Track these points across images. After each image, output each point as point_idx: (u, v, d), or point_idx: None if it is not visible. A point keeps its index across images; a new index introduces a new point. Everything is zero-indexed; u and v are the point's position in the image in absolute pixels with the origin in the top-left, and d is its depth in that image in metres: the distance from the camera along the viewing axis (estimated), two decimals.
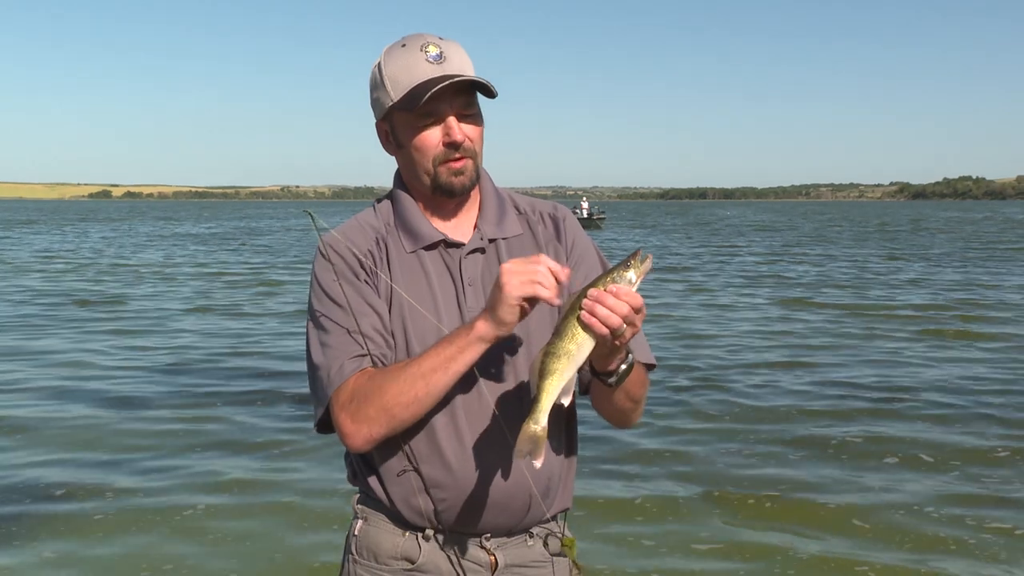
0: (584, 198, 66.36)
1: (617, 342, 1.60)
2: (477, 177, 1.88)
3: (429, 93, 1.74)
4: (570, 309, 1.60)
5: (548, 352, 1.61)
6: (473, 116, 1.83)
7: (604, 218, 63.44)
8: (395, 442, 1.79)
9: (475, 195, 1.93)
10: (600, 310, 1.56)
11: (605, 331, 1.56)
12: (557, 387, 1.60)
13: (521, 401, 1.81)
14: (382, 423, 1.73)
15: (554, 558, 1.92)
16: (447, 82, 1.75)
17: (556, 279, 1.62)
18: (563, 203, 2.30)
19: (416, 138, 1.82)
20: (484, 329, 1.67)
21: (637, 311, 1.58)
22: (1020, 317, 15.58)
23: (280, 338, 13.41)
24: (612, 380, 1.74)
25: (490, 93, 1.81)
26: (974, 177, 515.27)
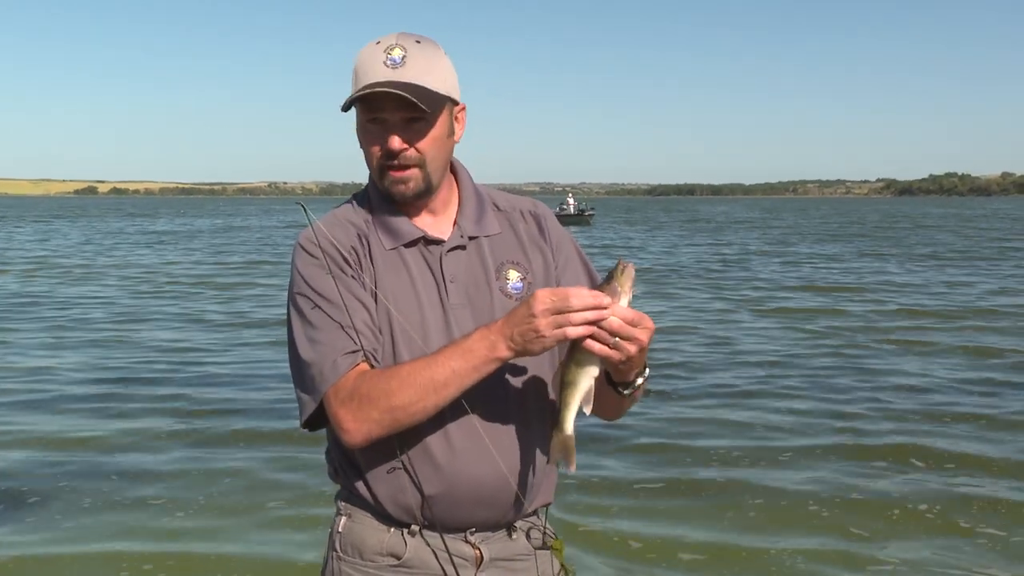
0: (570, 194, 66.67)
1: (617, 354, 1.62)
2: (428, 185, 1.84)
3: (353, 95, 1.75)
4: None
5: (564, 365, 1.70)
6: (423, 123, 1.78)
7: (594, 214, 64.35)
8: (381, 439, 1.78)
9: (454, 193, 1.93)
10: (592, 329, 1.60)
11: (598, 347, 1.61)
12: (576, 399, 1.69)
13: (506, 396, 1.83)
14: (385, 425, 1.73)
15: (536, 551, 1.93)
16: (366, 91, 1.73)
17: (597, 308, 1.59)
18: (550, 200, 2.31)
19: (363, 138, 1.83)
20: (505, 353, 1.67)
21: (633, 323, 1.61)
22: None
23: (249, 342, 13.39)
24: (626, 392, 1.79)
25: (417, 107, 1.73)
26: (959, 173, 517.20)
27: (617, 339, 1.61)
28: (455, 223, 1.91)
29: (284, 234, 49.96)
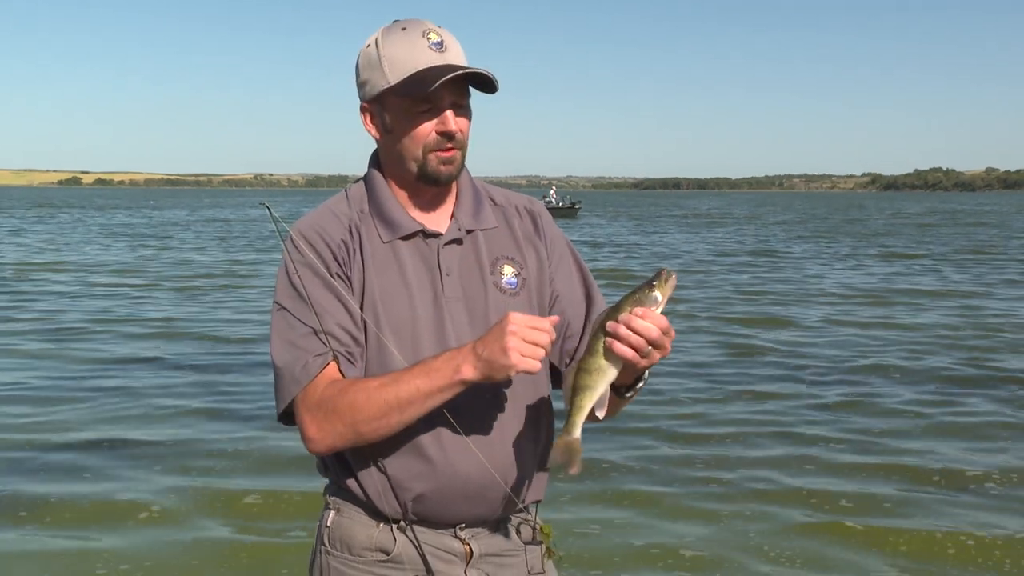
0: (552, 187, 67.57)
1: (645, 361, 1.62)
2: (462, 168, 1.87)
3: (439, 82, 1.71)
4: (600, 327, 1.63)
5: (581, 368, 1.66)
6: (466, 108, 1.82)
7: (580, 207, 66.14)
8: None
9: (452, 185, 1.91)
10: (628, 334, 1.59)
11: (631, 354, 1.60)
12: (590, 402, 1.66)
13: (499, 393, 1.83)
14: (348, 439, 1.74)
15: (527, 546, 1.92)
16: (457, 72, 1.73)
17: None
18: (535, 193, 2.30)
19: (409, 123, 1.79)
20: (471, 375, 1.66)
21: (665, 333, 1.61)
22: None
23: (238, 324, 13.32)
24: (628, 394, 1.78)
25: (491, 88, 1.79)
26: (944, 169, 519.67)
27: (650, 348, 1.60)
28: (452, 216, 1.90)
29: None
